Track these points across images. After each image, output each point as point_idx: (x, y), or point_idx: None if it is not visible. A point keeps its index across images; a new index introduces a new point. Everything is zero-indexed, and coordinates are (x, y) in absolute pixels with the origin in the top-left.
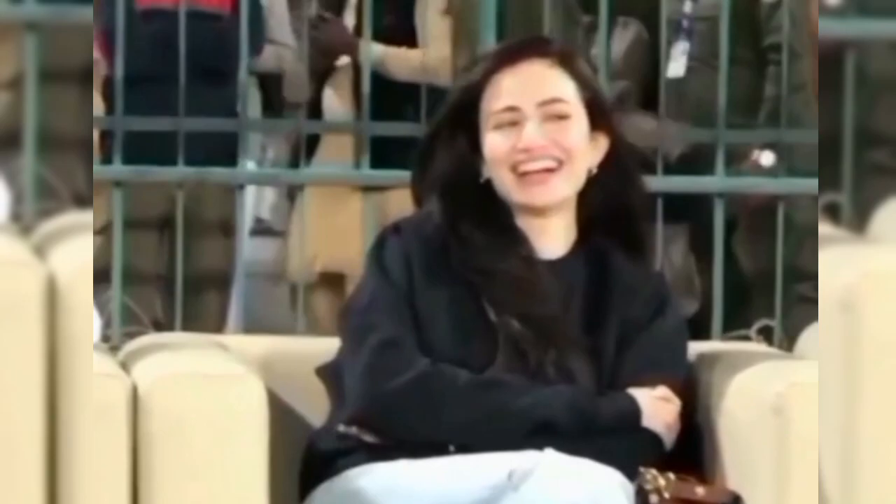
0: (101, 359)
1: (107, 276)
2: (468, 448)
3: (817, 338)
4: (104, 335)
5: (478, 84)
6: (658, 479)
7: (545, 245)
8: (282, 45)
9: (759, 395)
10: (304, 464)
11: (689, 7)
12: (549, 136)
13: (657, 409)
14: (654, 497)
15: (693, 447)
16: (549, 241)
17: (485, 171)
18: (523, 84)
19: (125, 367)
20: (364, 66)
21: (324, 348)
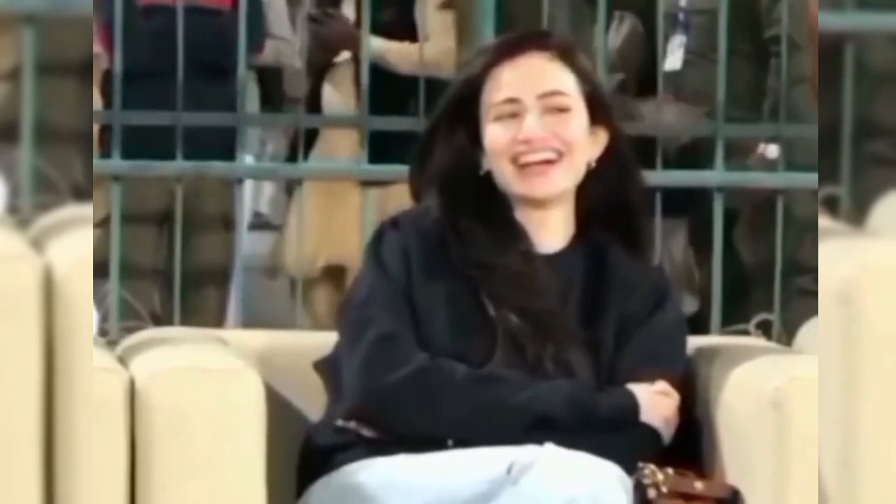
0: (99, 353)
1: (105, 270)
2: (466, 443)
3: (816, 332)
4: (102, 329)
5: (478, 77)
6: (657, 474)
7: (544, 239)
8: (280, 39)
9: (757, 390)
10: (302, 458)
11: (685, 0)
12: (550, 128)
13: (656, 403)
14: (652, 491)
15: (692, 441)
16: (547, 234)
17: (484, 163)
18: (523, 76)
19: (123, 361)
20: (363, 60)
21: (322, 342)
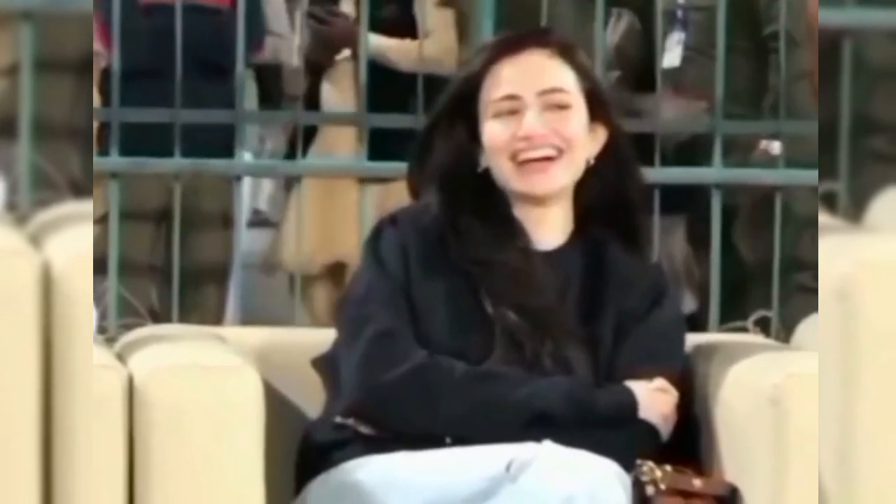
0: (97, 350)
1: (103, 267)
2: (465, 440)
3: (815, 328)
4: (100, 326)
5: (477, 74)
6: (655, 471)
7: (542, 236)
8: (278, 36)
9: (756, 387)
10: (301, 455)
11: None
12: (550, 125)
13: (654, 400)
14: (650, 489)
15: (690, 439)
16: (546, 231)
17: (483, 160)
18: (523, 73)
19: (121, 358)
20: (361, 57)
21: (321, 339)
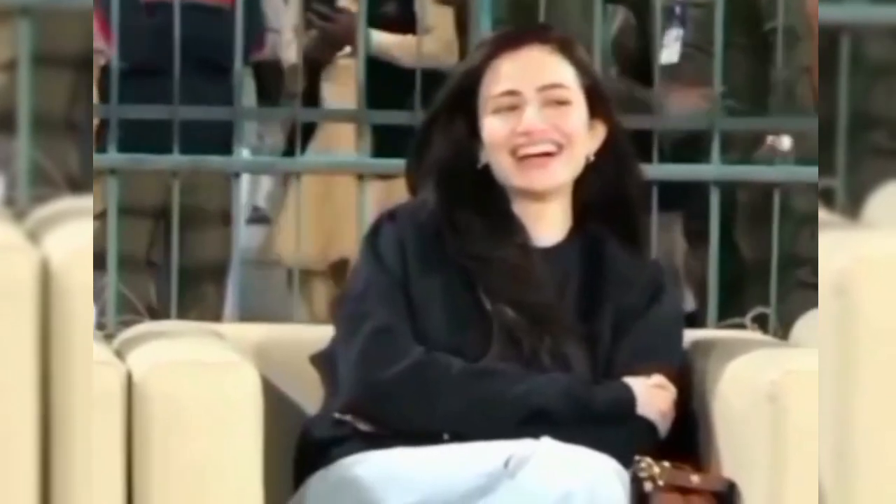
0: (96, 346)
1: (102, 263)
2: (463, 437)
3: (812, 325)
4: (99, 323)
5: (477, 69)
6: (653, 467)
7: (541, 232)
8: (278, 33)
9: (754, 383)
10: (299, 451)
11: None
12: (549, 120)
13: (652, 396)
14: (648, 485)
15: (688, 435)
16: (545, 227)
17: (482, 156)
18: (523, 69)
19: (120, 354)
20: (360, 53)
21: (319, 336)
